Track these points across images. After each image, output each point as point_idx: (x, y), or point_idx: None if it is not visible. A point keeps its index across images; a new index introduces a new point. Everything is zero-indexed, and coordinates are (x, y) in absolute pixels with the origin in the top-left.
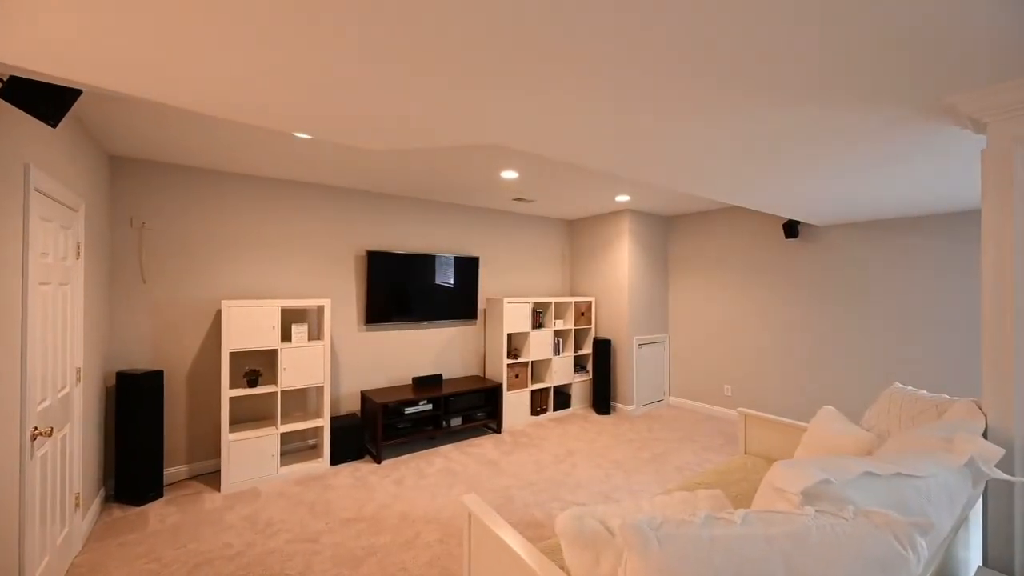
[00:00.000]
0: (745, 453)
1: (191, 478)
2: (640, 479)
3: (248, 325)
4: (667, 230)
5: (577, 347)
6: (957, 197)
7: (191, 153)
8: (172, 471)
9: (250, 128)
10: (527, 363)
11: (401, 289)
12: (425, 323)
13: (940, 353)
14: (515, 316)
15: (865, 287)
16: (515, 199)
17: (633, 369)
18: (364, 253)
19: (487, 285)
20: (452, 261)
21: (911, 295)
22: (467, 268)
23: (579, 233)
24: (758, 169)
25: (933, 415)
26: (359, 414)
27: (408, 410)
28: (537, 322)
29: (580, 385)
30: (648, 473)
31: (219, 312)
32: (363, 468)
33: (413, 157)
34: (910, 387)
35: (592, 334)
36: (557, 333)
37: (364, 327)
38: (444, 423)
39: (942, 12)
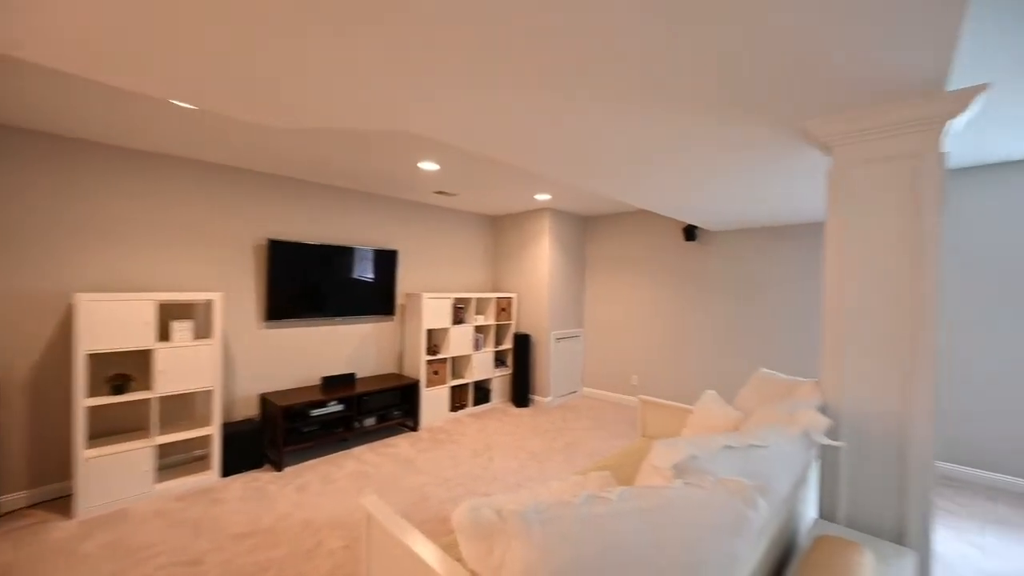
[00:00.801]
0: (643, 436)
1: (32, 506)
2: (553, 467)
3: (113, 322)
4: (585, 230)
5: (498, 342)
6: (823, 209)
7: (40, 115)
8: (5, 500)
9: (121, 91)
10: (447, 359)
11: (311, 282)
12: (338, 319)
13: (803, 342)
14: (435, 311)
15: (749, 286)
16: (436, 192)
17: (550, 363)
18: (266, 242)
19: (406, 279)
20: (370, 254)
21: (784, 293)
22: (385, 262)
23: (502, 230)
24: (652, 172)
25: (786, 394)
26: (258, 419)
27: (315, 412)
28: (458, 318)
29: (500, 380)
30: (560, 461)
31: (71, 307)
32: (261, 477)
33: (320, 139)
34: (773, 371)
35: (513, 329)
36: (478, 329)
37: (266, 324)
38: (357, 424)
39: (799, 47)
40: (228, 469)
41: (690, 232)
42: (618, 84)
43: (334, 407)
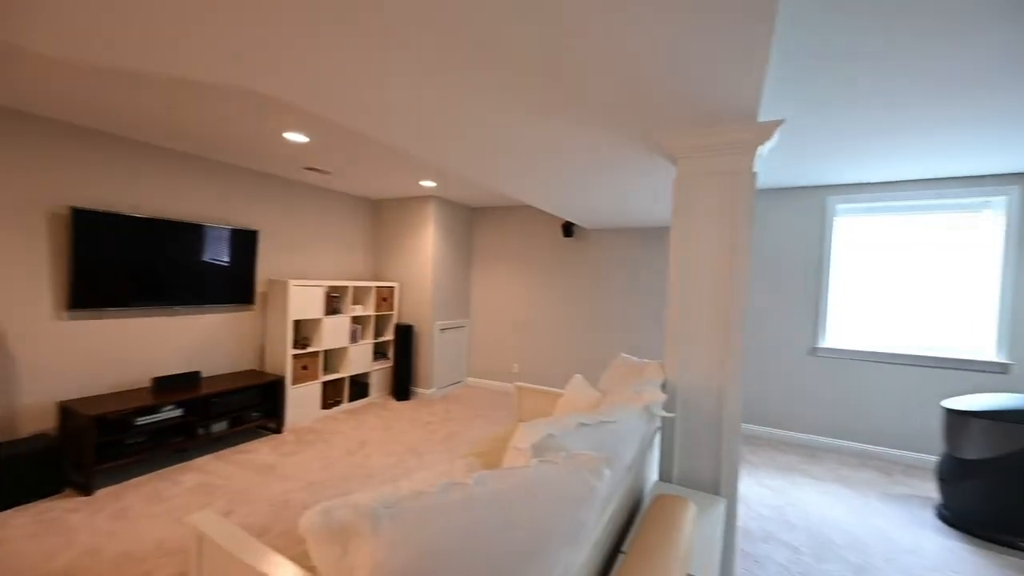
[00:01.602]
0: (519, 421)
1: None
2: (433, 459)
3: None
4: (472, 220)
5: (378, 334)
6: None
7: None
8: None
9: None
10: (319, 353)
11: (141, 264)
12: (180, 308)
13: (662, 331)
14: (305, 301)
15: (619, 280)
16: (307, 168)
17: (434, 354)
18: (67, 212)
19: (270, 265)
20: (224, 234)
21: (649, 287)
22: (243, 243)
23: (384, 215)
24: (529, 169)
25: (638, 375)
26: (55, 433)
27: (143, 420)
28: (333, 308)
29: (380, 373)
30: (441, 452)
31: None
32: (59, 507)
33: (157, 90)
34: (630, 356)
35: (395, 320)
36: (356, 319)
37: (70, 314)
38: (202, 430)
39: (650, 71)
40: (6, 501)
41: (568, 229)
42: (480, 77)
43: (169, 412)
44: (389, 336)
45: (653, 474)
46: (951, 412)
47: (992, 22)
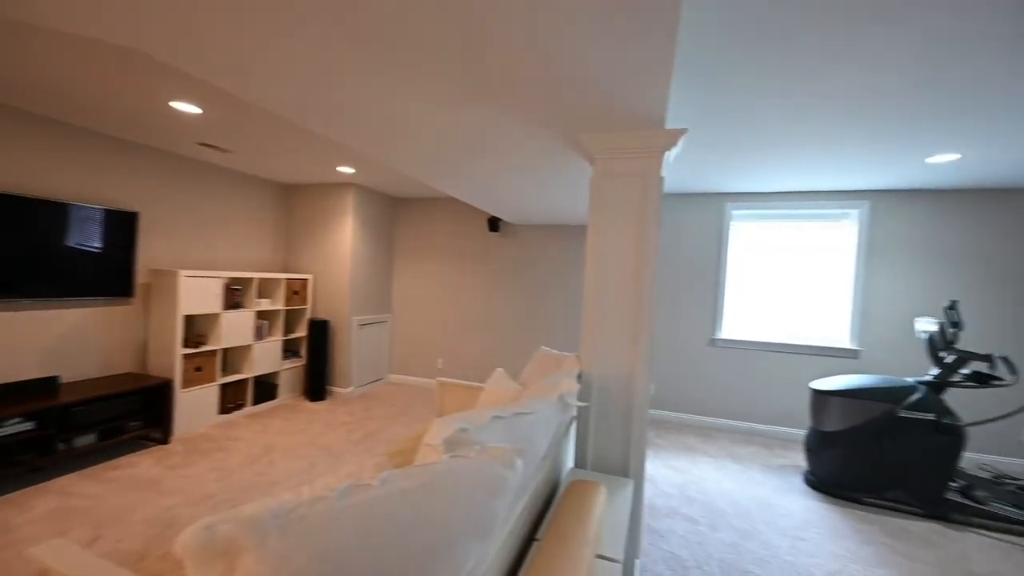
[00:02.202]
0: (439, 418)
1: None
2: (349, 461)
3: None
4: (395, 211)
5: (289, 330)
6: None
7: None
8: None
9: None
10: (216, 352)
11: None
12: (34, 301)
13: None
14: (199, 294)
15: (543, 275)
16: (201, 144)
17: (352, 350)
18: None
19: (154, 252)
20: (97, 215)
21: (572, 282)
22: (118, 226)
23: (297, 202)
24: (452, 160)
25: (557, 367)
26: None
27: None
28: (233, 301)
29: (291, 372)
30: (358, 454)
31: None
32: None
33: (11, 38)
34: (550, 349)
35: (308, 315)
36: (262, 315)
37: None
38: (62, 445)
39: (571, 72)
40: None
41: (495, 223)
42: (397, 58)
43: (16, 426)
44: (302, 332)
45: (570, 461)
46: (815, 392)
47: (841, 61)
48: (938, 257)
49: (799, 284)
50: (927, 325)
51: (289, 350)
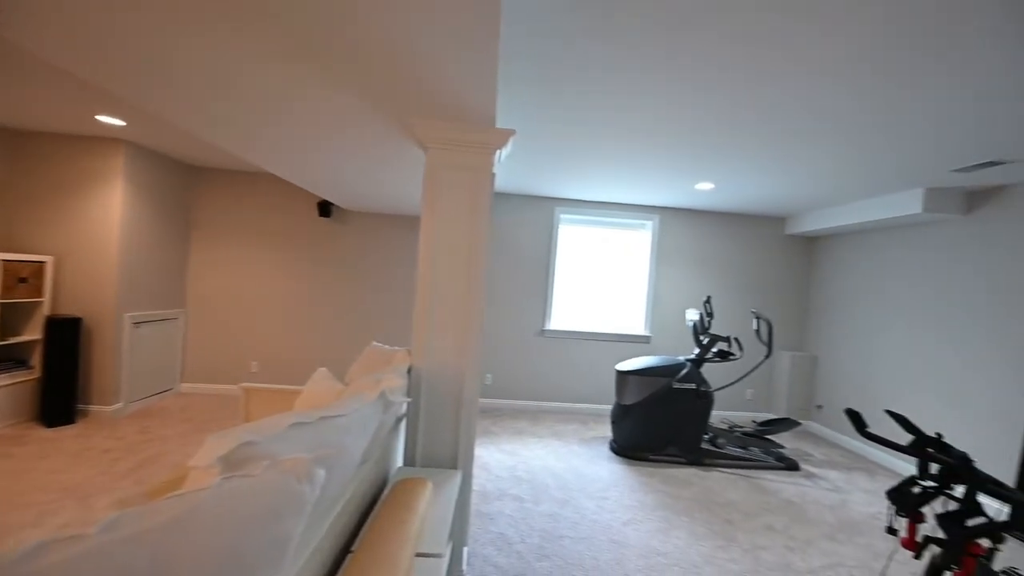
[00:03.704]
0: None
1: None
2: (106, 500)
3: None
4: (191, 182)
5: (7, 332)
6: None
7: None
8: None
9: None
10: None
11: None
12: None
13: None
14: None
15: (381, 266)
16: None
17: (123, 356)
18: None
19: None
20: None
21: (410, 275)
22: None
23: (30, 154)
24: (255, 118)
25: (387, 362)
26: None
27: None
28: None
29: (10, 390)
30: (124, 487)
31: None
32: None
33: None
34: (382, 344)
35: (45, 311)
36: None
37: None
38: None
39: (403, 55)
40: None
41: (325, 207)
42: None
43: None
44: (32, 335)
45: (399, 460)
46: (618, 372)
47: (637, 100)
48: (701, 262)
49: (609, 281)
50: (692, 315)
51: (8, 359)
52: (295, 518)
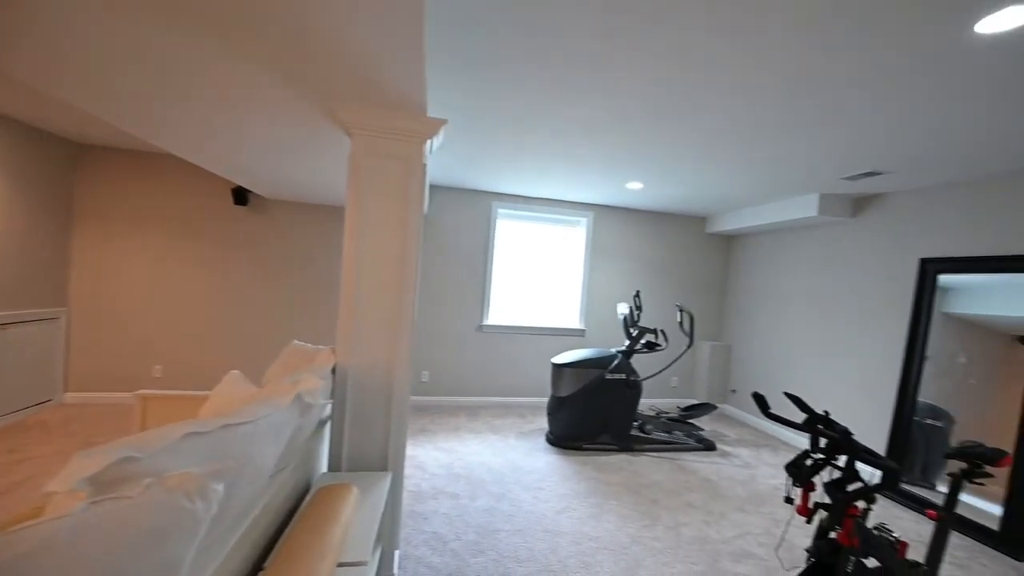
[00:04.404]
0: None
1: None
2: None
3: None
4: (74, 161)
5: None
6: None
7: None
8: None
9: None
10: None
11: None
12: None
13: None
14: None
15: (306, 260)
16: None
17: None
18: None
19: None
20: None
21: (337, 269)
22: None
23: None
24: (144, 82)
25: (309, 362)
26: None
27: None
28: None
29: None
30: None
31: None
32: None
33: None
34: (304, 342)
35: None
36: None
37: None
38: None
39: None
40: None
41: (241, 195)
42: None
43: None
44: None
45: (324, 466)
46: (554, 365)
47: (569, 103)
48: (632, 258)
49: (546, 276)
50: (623, 308)
51: None
52: (185, 541)
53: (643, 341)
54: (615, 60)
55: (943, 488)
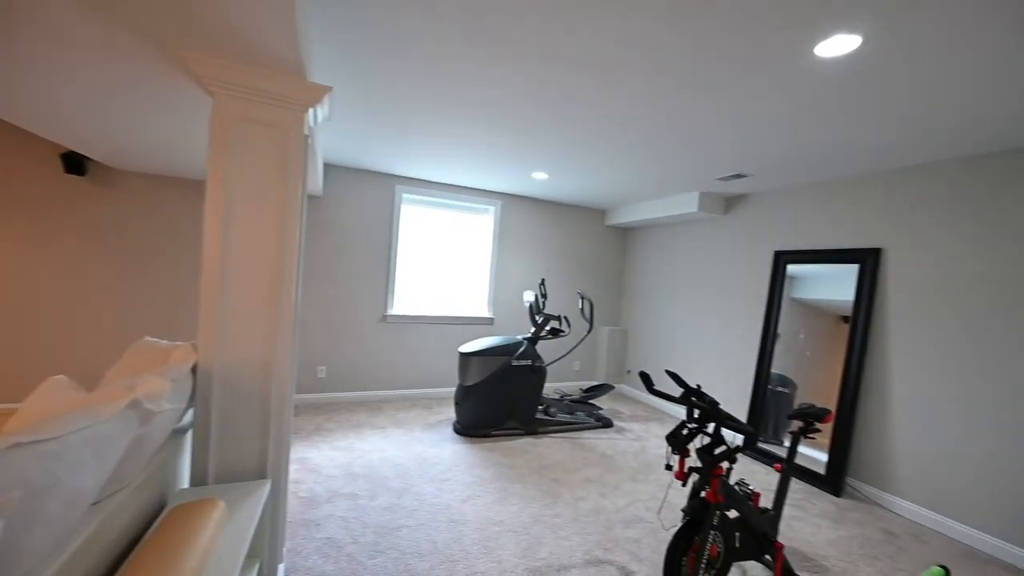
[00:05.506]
0: None
1: None
2: None
3: None
4: None
5: None
6: None
7: None
8: None
9: None
10: None
11: None
12: None
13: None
14: None
15: (166, 242)
16: None
17: None
18: None
19: None
20: None
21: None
22: None
23: None
24: None
25: (163, 360)
26: None
27: None
28: None
29: None
30: None
31: None
32: None
33: None
34: (156, 339)
35: None
36: None
37: None
38: None
39: None
40: None
41: (75, 162)
42: None
43: None
44: None
45: (186, 480)
46: (461, 354)
47: (467, 83)
48: (538, 247)
49: (453, 264)
50: (528, 296)
51: None
52: None
53: (548, 328)
54: (492, 58)
55: (788, 443)
